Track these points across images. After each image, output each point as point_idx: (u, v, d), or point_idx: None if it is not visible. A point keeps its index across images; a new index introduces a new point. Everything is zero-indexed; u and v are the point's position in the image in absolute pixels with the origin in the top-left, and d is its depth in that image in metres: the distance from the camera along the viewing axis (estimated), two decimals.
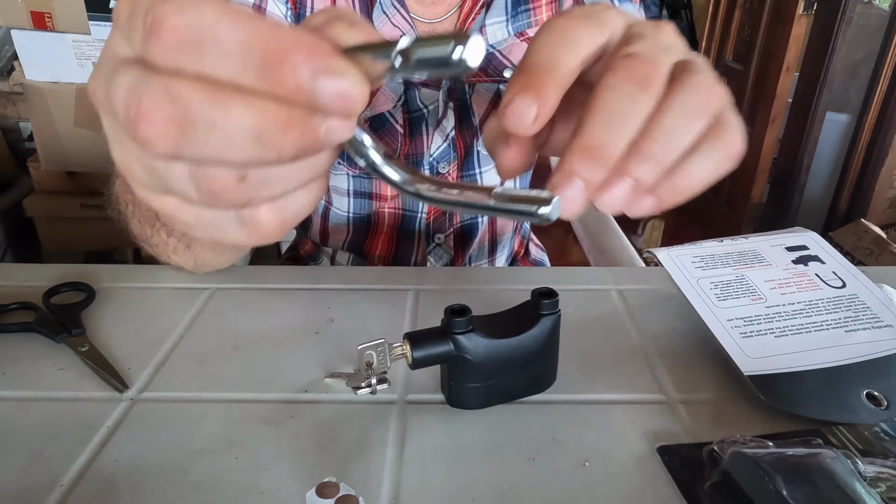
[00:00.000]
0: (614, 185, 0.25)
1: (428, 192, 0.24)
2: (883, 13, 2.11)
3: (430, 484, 0.36)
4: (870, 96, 2.16)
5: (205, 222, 0.23)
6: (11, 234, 1.92)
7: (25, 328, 0.49)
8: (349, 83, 0.19)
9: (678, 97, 0.25)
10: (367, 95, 0.20)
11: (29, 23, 1.56)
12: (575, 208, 0.24)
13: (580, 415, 0.42)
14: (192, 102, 0.18)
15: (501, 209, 0.23)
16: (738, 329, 0.47)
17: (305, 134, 0.19)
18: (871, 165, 2.19)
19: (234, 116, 0.18)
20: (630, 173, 0.24)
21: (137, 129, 0.18)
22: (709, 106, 0.25)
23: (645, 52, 0.25)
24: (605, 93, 0.24)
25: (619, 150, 0.24)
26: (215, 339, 0.50)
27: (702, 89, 0.25)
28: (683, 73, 0.25)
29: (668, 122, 0.24)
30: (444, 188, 0.23)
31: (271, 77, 0.18)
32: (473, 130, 0.70)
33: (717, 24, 2.65)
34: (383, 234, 0.75)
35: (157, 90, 0.18)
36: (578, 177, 0.24)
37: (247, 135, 0.19)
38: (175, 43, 0.18)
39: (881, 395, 0.42)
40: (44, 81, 1.62)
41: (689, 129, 0.25)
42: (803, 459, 0.35)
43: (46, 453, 0.38)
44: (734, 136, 0.26)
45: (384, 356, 0.40)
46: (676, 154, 0.25)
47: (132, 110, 0.18)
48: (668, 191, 0.26)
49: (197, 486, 0.36)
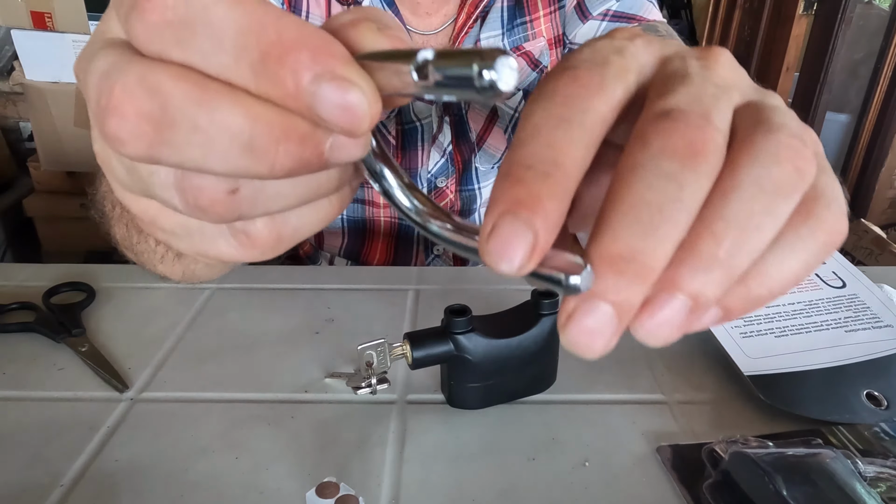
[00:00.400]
0: (662, 306, 0.17)
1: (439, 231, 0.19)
2: (883, 13, 2.11)
3: (430, 484, 0.36)
4: (870, 96, 2.16)
5: (190, 232, 0.20)
6: (11, 234, 1.92)
7: (25, 328, 0.49)
8: (355, 96, 0.15)
9: (749, 170, 0.17)
10: (378, 113, 0.16)
11: (29, 23, 1.56)
12: (601, 344, 0.18)
13: (580, 415, 0.42)
14: (172, 96, 0.15)
15: None
16: (738, 329, 0.47)
17: (305, 148, 0.16)
18: (871, 165, 2.19)
19: (221, 118, 0.15)
20: (684, 288, 0.17)
21: (107, 122, 0.15)
22: (797, 177, 0.17)
23: (690, 107, 0.17)
24: (634, 175, 0.17)
25: (664, 258, 0.16)
26: (215, 339, 0.50)
27: (783, 151, 0.17)
28: (754, 129, 0.18)
29: (735, 209, 0.17)
30: (463, 232, 0.19)
31: (268, 75, 0.15)
32: (471, 146, 0.68)
33: (717, 24, 2.65)
34: (380, 241, 0.74)
35: (133, 77, 0.15)
36: (603, 299, 0.17)
37: (234, 141, 0.16)
38: (160, 21, 0.15)
39: (881, 395, 0.42)
40: (44, 81, 1.62)
41: (770, 215, 0.17)
42: (803, 459, 0.35)
43: (46, 453, 0.38)
44: (834, 214, 0.18)
45: (384, 356, 0.40)
46: (752, 254, 0.17)
47: (103, 99, 0.15)
48: (741, 300, 0.18)
49: (197, 486, 0.36)
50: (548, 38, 0.66)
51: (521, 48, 0.65)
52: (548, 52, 0.66)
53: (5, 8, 1.54)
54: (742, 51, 2.48)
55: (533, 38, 0.65)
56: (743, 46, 2.48)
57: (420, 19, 0.63)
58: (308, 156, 0.16)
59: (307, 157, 0.16)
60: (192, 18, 0.15)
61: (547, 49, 0.66)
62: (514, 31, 0.64)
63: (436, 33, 0.63)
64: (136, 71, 0.15)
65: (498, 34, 0.64)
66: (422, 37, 0.63)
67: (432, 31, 0.63)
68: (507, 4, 0.64)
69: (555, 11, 0.65)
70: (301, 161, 0.16)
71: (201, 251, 0.21)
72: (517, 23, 0.64)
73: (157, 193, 0.18)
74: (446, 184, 0.69)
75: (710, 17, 2.69)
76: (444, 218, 0.19)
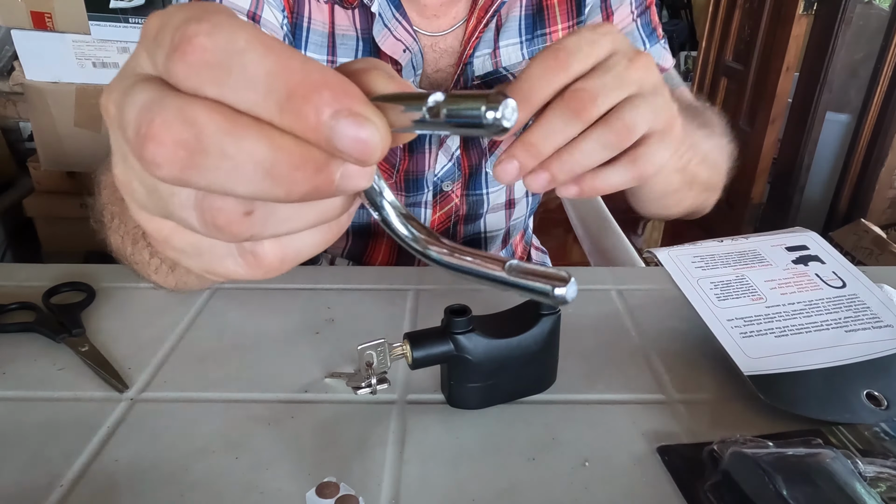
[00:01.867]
0: (537, 173, 0.36)
1: (438, 256, 0.23)
2: (883, 13, 2.11)
3: (430, 484, 0.37)
4: (870, 96, 2.15)
5: (201, 251, 0.22)
6: (11, 234, 1.92)
7: (25, 328, 0.49)
8: (369, 131, 0.18)
9: (597, 131, 0.35)
10: (387, 146, 0.19)
11: (29, 23, 1.56)
12: (509, 178, 0.35)
13: (580, 415, 0.42)
14: (206, 128, 0.18)
15: (514, 283, 0.22)
16: (738, 329, 0.47)
17: (319, 176, 0.19)
18: (871, 165, 2.19)
19: (248, 146, 0.18)
20: (548, 169, 0.35)
21: (145, 148, 0.18)
22: (620, 141, 0.35)
23: (593, 89, 0.34)
24: (553, 111, 0.35)
25: (547, 152, 0.35)
26: (215, 339, 0.50)
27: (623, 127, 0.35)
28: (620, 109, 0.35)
29: (583, 145, 0.35)
30: (457, 253, 0.22)
31: (292, 112, 0.18)
32: (481, 151, 0.69)
33: (717, 24, 2.65)
34: (383, 243, 0.74)
35: (172, 111, 0.18)
36: (517, 159, 0.35)
37: (258, 168, 0.18)
38: (199, 62, 0.18)
39: (881, 395, 0.42)
40: (44, 81, 1.62)
41: (599, 154, 0.35)
42: (803, 459, 0.35)
43: (46, 453, 0.38)
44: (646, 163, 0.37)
45: (384, 356, 0.40)
46: (581, 168, 0.36)
47: (143, 128, 0.18)
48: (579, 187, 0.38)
49: (197, 486, 0.36)
50: None
51: None
52: None
53: (5, 8, 1.54)
54: (742, 51, 2.48)
55: None
56: (743, 46, 2.47)
57: (427, 21, 0.62)
58: (320, 183, 0.19)
59: (320, 184, 0.19)
60: (229, 61, 0.18)
61: None
62: (533, 41, 0.65)
63: (444, 35, 0.63)
64: (174, 104, 0.18)
65: (517, 42, 0.65)
66: (430, 38, 0.63)
67: (441, 32, 0.63)
68: (526, 13, 0.65)
69: (573, 26, 0.66)
70: (314, 187, 0.19)
71: (210, 269, 0.23)
72: (538, 34, 0.65)
73: (176, 213, 0.20)
74: (452, 188, 0.69)
75: (710, 17, 2.69)
76: (440, 244, 0.22)
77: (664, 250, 0.54)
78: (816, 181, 2.36)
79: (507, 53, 0.65)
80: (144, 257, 0.49)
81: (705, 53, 2.73)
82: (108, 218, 0.49)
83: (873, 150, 2.18)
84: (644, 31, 0.67)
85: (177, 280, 0.52)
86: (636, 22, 0.67)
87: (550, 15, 0.66)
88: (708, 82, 2.72)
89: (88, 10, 1.53)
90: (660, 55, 0.69)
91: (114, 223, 0.48)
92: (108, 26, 1.55)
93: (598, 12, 0.66)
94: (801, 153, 2.29)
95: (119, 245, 0.49)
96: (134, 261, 0.50)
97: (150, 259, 0.49)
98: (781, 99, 2.27)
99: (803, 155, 2.29)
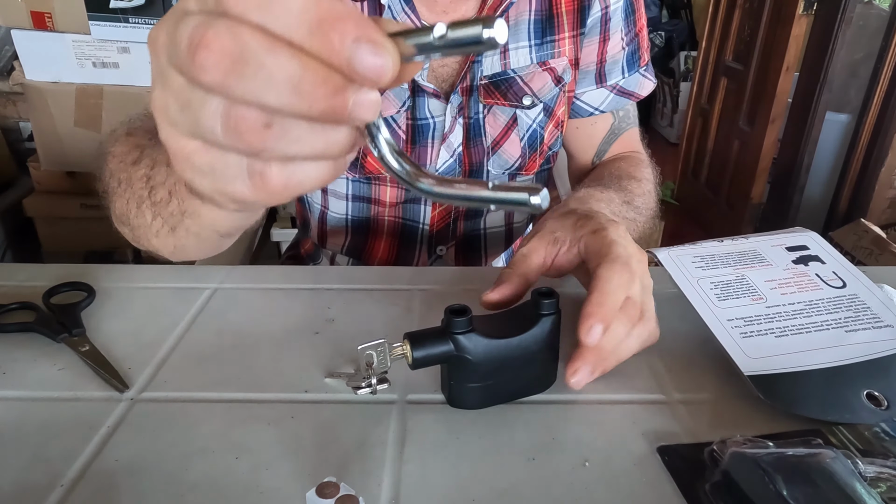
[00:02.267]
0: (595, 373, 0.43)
1: (428, 187, 0.26)
2: (883, 13, 2.11)
3: (430, 484, 0.37)
4: (870, 96, 2.15)
5: (215, 171, 0.25)
6: (11, 234, 1.92)
7: (25, 328, 0.49)
8: (383, 55, 0.22)
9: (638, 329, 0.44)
10: (397, 71, 0.22)
11: (29, 23, 1.56)
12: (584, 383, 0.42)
13: (580, 415, 0.42)
14: (249, 43, 0.21)
15: (497, 199, 0.25)
16: (738, 329, 0.47)
17: (336, 98, 0.22)
18: (871, 165, 2.19)
19: (281, 62, 0.21)
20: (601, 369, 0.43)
21: (197, 53, 0.21)
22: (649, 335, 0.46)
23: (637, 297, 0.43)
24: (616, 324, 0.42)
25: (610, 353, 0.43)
26: (215, 339, 0.50)
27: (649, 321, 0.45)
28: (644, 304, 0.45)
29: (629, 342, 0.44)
30: (445, 183, 0.26)
31: (321, 36, 0.21)
32: (483, 150, 0.70)
33: (717, 24, 2.65)
34: (383, 239, 0.74)
35: (222, 27, 0.21)
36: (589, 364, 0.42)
37: (287, 81, 0.21)
38: None
39: (881, 395, 0.42)
40: (44, 81, 1.62)
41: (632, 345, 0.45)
42: (803, 459, 0.35)
43: (46, 453, 0.38)
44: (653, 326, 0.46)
45: (384, 356, 0.40)
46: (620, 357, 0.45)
47: (196, 39, 0.21)
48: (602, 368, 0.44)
49: (197, 486, 0.36)
50: (569, 59, 0.70)
51: (546, 63, 0.68)
52: (570, 70, 0.70)
53: (5, 8, 1.54)
54: (742, 51, 2.47)
55: (558, 56, 0.69)
56: (743, 46, 2.47)
57: (437, 16, 0.64)
58: (337, 104, 0.22)
59: (336, 105, 0.22)
60: None
61: (569, 68, 0.70)
62: (542, 46, 0.67)
63: None
64: (223, 23, 0.21)
65: (526, 46, 0.67)
66: None
67: None
68: (535, 18, 0.66)
69: (576, 36, 0.69)
70: (331, 107, 0.22)
71: (220, 189, 0.26)
72: (547, 40, 0.67)
73: (203, 122, 0.23)
74: None
75: (710, 17, 2.69)
76: (426, 176, 0.26)
77: (664, 250, 0.54)
78: (816, 181, 2.36)
79: (516, 56, 0.66)
80: (146, 219, 0.49)
81: (705, 53, 2.73)
82: (114, 184, 0.50)
83: (873, 150, 2.18)
84: (627, 61, 0.73)
85: (175, 243, 0.51)
86: (624, 51, 0.72)
87: (559, 23, 0.68)
88: (708, 82, 2.72)
89: (88, 10, 1.53)
90: (637, 83, 0.75)
91: (120, 188, 0.50)
92: (108, 26, 1.55)
93: (596, 33, 0.70)
94: (801, 153, 2.29)
95: (123, 209, 0.50)
96: (136, 224, 0.50)
97: (152, 221, 0.49)
98: (781, 99, 2.27)
99: (803, 155, 2.29)
